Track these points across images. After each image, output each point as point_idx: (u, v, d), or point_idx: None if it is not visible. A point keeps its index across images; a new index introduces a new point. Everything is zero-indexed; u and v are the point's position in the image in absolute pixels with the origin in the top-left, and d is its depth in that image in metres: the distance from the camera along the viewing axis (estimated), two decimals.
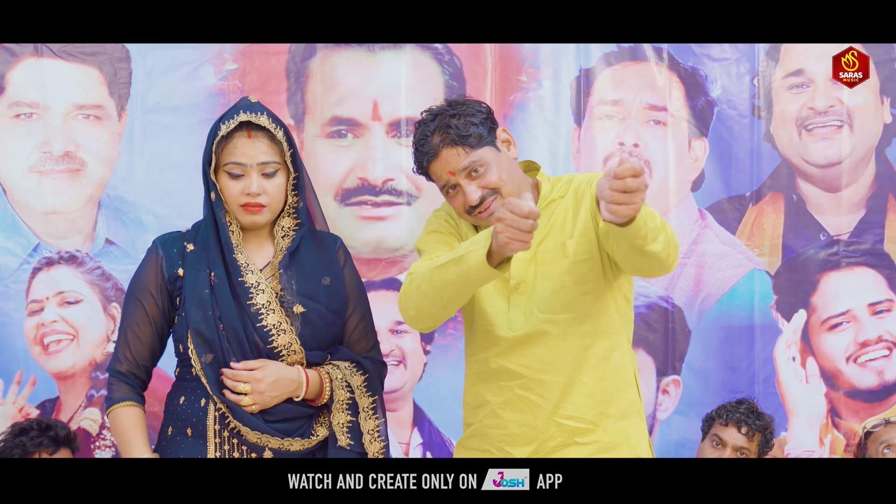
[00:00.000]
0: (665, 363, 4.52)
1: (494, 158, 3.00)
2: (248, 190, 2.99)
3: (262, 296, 3.00)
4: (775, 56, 4.56)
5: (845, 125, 4.54)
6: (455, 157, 2.97)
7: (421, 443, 4.50)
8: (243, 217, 3.02)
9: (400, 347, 4.51)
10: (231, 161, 2.98)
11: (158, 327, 3.07)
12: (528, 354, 3.00)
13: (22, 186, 4.41)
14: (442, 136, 2.98)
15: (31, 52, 4.39)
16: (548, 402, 3.00)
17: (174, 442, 3.02)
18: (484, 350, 3.05)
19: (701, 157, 4.57)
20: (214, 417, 2.99)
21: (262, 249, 3.09)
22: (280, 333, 3.01)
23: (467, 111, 3.00)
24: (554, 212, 3.05)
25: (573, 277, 2.99)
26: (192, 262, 3.02)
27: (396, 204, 4.50)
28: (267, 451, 2.99)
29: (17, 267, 4.41)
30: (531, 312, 2.99)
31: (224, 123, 3.00)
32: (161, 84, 4.46)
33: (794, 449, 4.51)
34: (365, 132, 4.51)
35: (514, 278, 3.01)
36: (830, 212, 4.56)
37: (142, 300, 3.05)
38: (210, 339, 2.96)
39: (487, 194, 2.98)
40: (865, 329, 4.53)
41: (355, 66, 4.51)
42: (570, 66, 4.55)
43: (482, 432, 3.07)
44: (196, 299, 2.98)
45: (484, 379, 3.06)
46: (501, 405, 3.02)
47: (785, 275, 4.55)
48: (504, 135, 3.06)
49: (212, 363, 2.97)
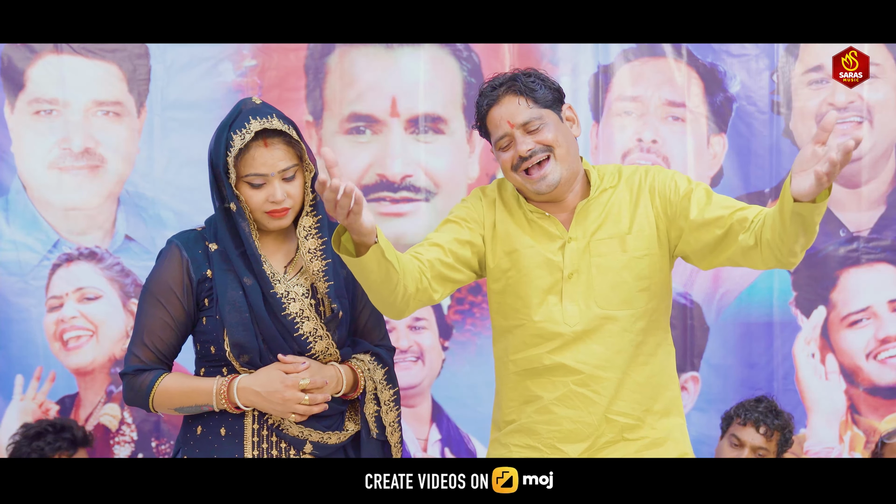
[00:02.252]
0: (684, 360, 4.51)
1: (555, 122, 2.93)
2: (273, 198, 2.94)
3: (294, 304, 2.98)
4: (795, 52, 4.54)
5: (865, 121, 4.53)
6: (516, 106, 2.91)
7: (439, 439, 4.50)
8: (270, 223, 2.99)
9: (418, 343, 4.52)
10: (252, 173, 2.93)
11: (181, 330, 3.01)
12: (585, 350, 2.94)
13: (42, 183, 4.43)
14: (509, 85, 2.93)
15: (51, 49, 4.41)
16: (603, 399, 2.95)
17: (205, 442, 2.98)
18: (535, 346, 2.97)
19: (720, 153, 4.56)
20: (253, 416, 2.98)
21: (280, 249, 3.07)
22: (317, 340, 3.00)
23: (540, 76, 2.96)
24: (608, 201, 2.99)
25: (632, 273, 2.95)
26: (218, 263, 2.98)
27: (415, 200, 4.50)
28: (308, 444, 2.99)
29: (37, 263, 4.43)
30: (588, 306, 2.93)
31: (237, 133, 2.92)
32: (180, 80, 4.48)
33: (814, 446, 4.50)
34: (383, 128, 4.52)
35: (569, 267, 2.95)
36: (850, 208, 4.55)
37: (163, 302, 2.98)
38: (248, 343, 2.94)
39: (539, 150, 2.92)
40: (885, 325, 4.52)
41: (374, 63, 4.52)
42: (589, 62, 4.54)
43: (530, 428, 3.00)
44: (230, 302, 2.94)
45: (535, 374, 2.98)
46: (555, 401, 2.96)
47: (804, 271, 4.53)
48: (569, 112, 2.99)
49: (248, 364, 2.96)
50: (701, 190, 2.97)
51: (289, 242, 3.08)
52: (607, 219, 2.97)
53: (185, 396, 2.96)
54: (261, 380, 2.92)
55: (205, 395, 2.94)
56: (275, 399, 2.92)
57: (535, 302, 2.97)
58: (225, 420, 2.98)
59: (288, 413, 2.93)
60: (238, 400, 2.93)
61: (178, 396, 2.96)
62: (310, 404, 2.93)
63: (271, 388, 2.91)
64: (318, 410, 2.96)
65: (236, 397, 2.93)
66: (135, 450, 4.47)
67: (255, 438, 2.97)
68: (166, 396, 2.97)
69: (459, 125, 4.53)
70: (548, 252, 2.96)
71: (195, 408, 2.97)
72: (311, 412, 2.95)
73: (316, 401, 2.94)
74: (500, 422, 3.09)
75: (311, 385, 2.93)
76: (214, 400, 2.93)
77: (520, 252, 2.99)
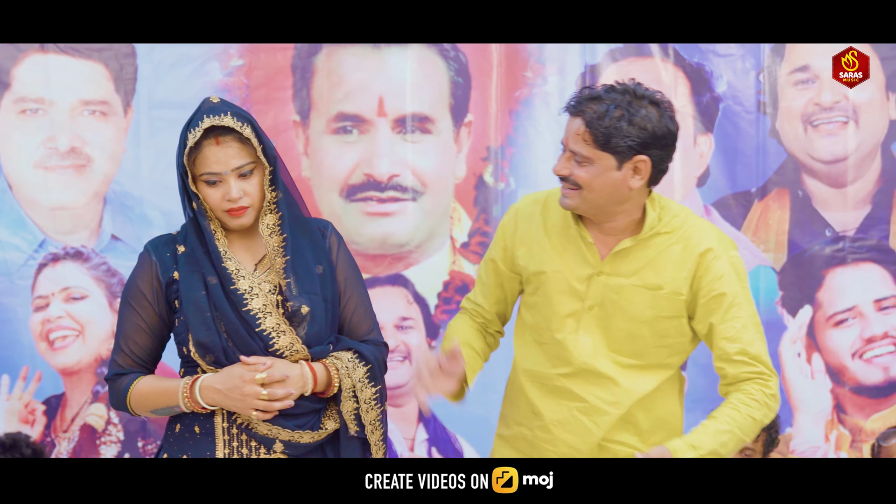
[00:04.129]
0: None
1: (604, 168, 2.81)
2: (229, 196, 2.93)
3: (256, 300, 2.98)
4: (781, 52, 4.56)
5: (851, 121, 4.54)
6: (575, 134, 2.81)
7: (426, 438, 4.50)
8: (230, 222, 2.99)
9: (405, 343, 4.52)
10: (206, 171, 2.92)
11: (156, 334, 3.02)
12: (595, 382, 2.94)
13: (28, 182, 4.42)
14: (592, 109, 2.79)
15: (37, 48, 4.40)
16: (600, 430, 2.96)
17: (183, 439, 2.99)
18: (554, 367, 2.97)
19: (706, 152, 4.57)
20: (223, 415, 2.99)
21: (250, 248, 3.06)
22: (280, 335, 3.00)
23: (636, 119, 2.78)
24: (656, 253, 2.91)
25: (652, 330, 2.92)
26: (184, 265, 2.98)
27: (402, 200, 4.50)
28: (277, 443, 2.99)
29: (23, 262, 4.42)
30: (600, 345, 2.93)
31: (190, 132, 2.91)
32: (167, 80, 4.47)
33: (800, 445, 4.51)
34: (371, 128, 4.51)
35: (590, 300, 2.93)
36: (836, 208, 4.56)
37: (136, 307, 3.00)
38: (210, 342, 2.95)
39: (571, 181, 2.83)
40: (871, 325, 4.53)
41: (361, 62, 4.51)
42: (576, 62, 4.55)
43: (535, 444, 3.02)
44: (193, 303, 2.96)
45: (547, 392, 2.99)
46: (556, 423, 2.97)
47: (790, 271, 4.55)
48: (641, 165, 2.81)
49: (213, 364, 2.97)
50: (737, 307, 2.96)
51: (259, 239, 3.07)
52: (648, 266, 2.91)
53: (157, 398, 2.98)
54: (221, 377, 2.93)
55: (173, 396, 2.96)
56: (235, 395, 2.91)
57: (556, 326, 2.97)
58: (197, 419, 2.98)
59: (249, 409, 2.92)
60: (201, 399, 2.94)
61: (150, 398, 2.98)
62: (269, 399, 2.93)
63: (230, 385, 2.91)
64: (280, 407, 2.94)
65: (199, 396, 2.93)
66: (121, 450, 4.46)
67: (225, 437, 2.97)
68: (141, 399, 2.99)
69: (447, 125, 4.53)
70: (573, 280, 2.93)
71: (168, 409, 2.98)
72: (272, 408, 2.93)
73: (276, 396, 2.93)
74: (509, 419, 3.11)
75: (268, 379, 2.92)
76: (180, 400, 2.95)
77: (547, 275, 2.97)
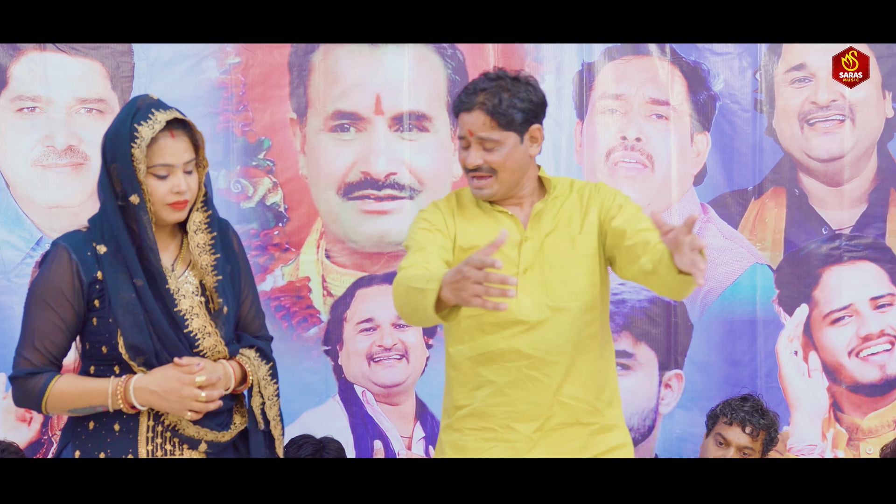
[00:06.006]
0: (667, 357, 4.53)
1: (511, 146, 3.12)
2: (178, 188, 2.97)
3: (184, 301, 3.00)
4: (777, 51, 4.56)
5: (847, 119, 4.55)
6: (481, 123, 3.10)
7: (423, 437, 4.50)
8: (170, 216, 3.00)
9: (402, 341, 4.52)
10: (160, 163, 2.95)
11: (72, 332, 3.01)
12: (537, 338, 3.11)
13: (25, 180, 4.41)
14: (485, 99, 3.09)
15: (35, 47, 4.38)
16: (553, 382, 3.12)
17: (99, 437, 2.98)
18: (492, 333, 3.13)
19: (703, 151, 4.58)
20: (148, 413, 2.99)
21: (168, 245, 3.08)
22: (205, 336, 3.02)
23: (521, 94, 3.11)
24: (560, 207, 3.20)
25: (581, 270, 3.15)
26: (109, 265, 2.97)
27: (399, 198, 4.50)
28: (203, 444, 3.01)
29: (20, 261, 4.41)
30: (541, 300, 3.11)
31: (143, 125, 2.93)
32: (163, 78, 4.46)
33: (797, 443, 4.52)
34: (368, 126, 4.51)
35: (524, 263, 3.14)
36: (832, 206, 4.57)
37: (53, 305, 2.97)
38: (143, 344, 2.94)
39: (485, 168, 3.12)
40: (867, 323, 4.54)
41: (358, 60, 4.51)
42: (573, 60, 4.55)
43: (484, 411, 3.15)
44: (123, 304, 2.95)
45: (488, 360, 3.14)
46: (508, 384, 3.13)
47: (787, 269, 4.55)
48: (536, 133, 3.15)
49: (144, 365, 2.97)
50: (632, 206, 3.18)
51: (175, 238, 3.10)
52: (560, 222, 3.18)
53: (80, 398, 2.97)
54: (157, 379, 2.94)
55: (100, 396, 2.95)
56: (172, 398, 2.93)
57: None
58: (119, 417, 2.98)
59: (185, 411, 2.95)
60: (135, 400, 2.94)
61: (72, 398, 2.97)
62: (206, 401, 2.96)
63: (168, 387, 2.93)
64: (213, 407, 2.99)
65: (133, 397, 2.94)
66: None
67: (149, 434, 2.99)
68: (60, 398, 2.97)
69: (444, 123, 4.53)
70: (505, 249, 3.11)
71: (89, 409, 2.97)
72: (207, 409, 2.97)
73: (212, 398, 2.97)
74: (450, 408, 3.24)
75: (206, 382, 2.96)
76: (110, 400, 2.94)
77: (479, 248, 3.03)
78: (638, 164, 4.55)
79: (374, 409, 4.51)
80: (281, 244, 4.51)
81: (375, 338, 4.52)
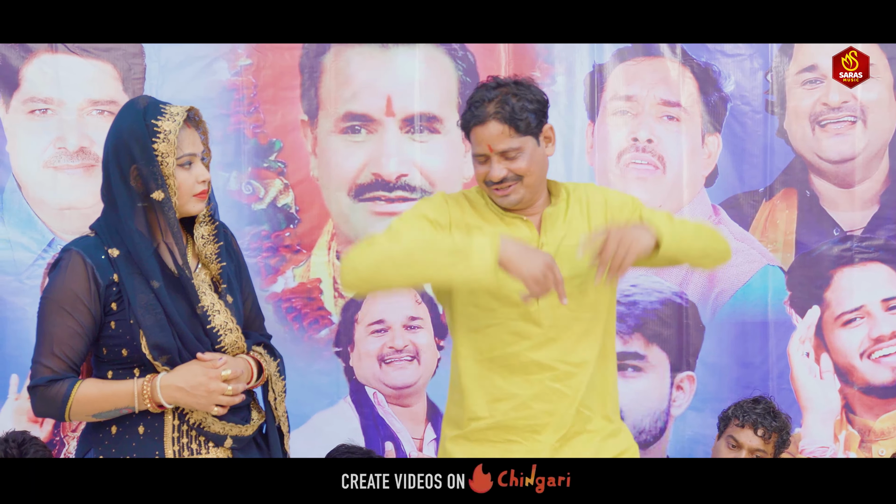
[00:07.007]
0: (679, 359, 4.53)
1: (531, 149, 3.06)
2: (203, 177, 2.99)
3: (206, 297, 3.01)
4: (789, 52, 4.55)
5: (859, 121, 4.54)
6: (499, 133, 3.03)
7: (434, 438, 4.51)
8: (194, 206, 3.00)
9: (414, 343, 4.52)
10: (186, 153, 2.96)
11: (91, 337, 2.97)
12: (559, 349, 3.08)
13: (37, 182, 4.42)
14: (497, 109, 3.03)
15: (46, 48, 4.40)
16: (576, 393, 3.09)
17: (123, 441, 2.97)
18: (512, 344, 3.08)
19: (714, 152, 4.58)
20: (174, 414, 2.99)
21: None
22: (227, 333, 3.03)
23: (528, 96, 3.06)
24: (565, 212, 3.16)
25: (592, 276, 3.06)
26: (124, 268, 2.96)
27: (410, 199, 4.50)
28: (228, 439, 3.01)
29: (32, 262, 4.42)
30: (557, 307, 3.03)
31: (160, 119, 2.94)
32: (175, 79, 4.47)
33: (809, 445, 4.52)
34: (379, 128, 4.52)
35: None
36: (844, 207, 4.56)
37: (70, 311, 2.93)
38: (166, 343, 2.94)
39: (511, 177, 3.05)
40: (879, 325, 4.53)
41: (369, 62, 4.51)
42: (584, 61, 4.55)
43: (508, 424, 3.10)
44: (144, 305, 2.94)
45: (510, 372, 3.09)
46: (532, 397, 3.08)
47: (798, 270, 4.55)
48: (549, 132, 3.11)
49: (167, 364, 2.97)
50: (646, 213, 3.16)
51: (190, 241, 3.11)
52: (569, 228, 3.13)
53: (105, 401, 2.94)
54: (183, 375, 2.93)
55: (125, 398, 2.93)
56: (199, 392, 2.93)
57: (514, 300, 3.03)
58: (143, 419, 2.97)
59: (212, 406, 2.95)
60: (162, 398, 2.93)
61: (97, 402, 2.94)
62: (233, 394, 2.97)
63: (195, 382, 2.93)
64: (238, 401, 3.00)
65: (160, 395, 2.93)
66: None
67: (174, 434, 2.98)
68: (85, 403, 2.93)
69: (454, 124, 4.51)
70: None
71: (114, 412, 2.95)
72: (233, 402, 2.98)
73: (238, 391, 2.98)
74: (461, 419, 3.15)
75: (232, 376, 2.96)
76: (137, 401, 2.93)
77: None
78: (649, 165, 4.55)
79: (386, 410, 4.51)
80: (292, 246, 4.51)
81: (386, 339, 4.53)
